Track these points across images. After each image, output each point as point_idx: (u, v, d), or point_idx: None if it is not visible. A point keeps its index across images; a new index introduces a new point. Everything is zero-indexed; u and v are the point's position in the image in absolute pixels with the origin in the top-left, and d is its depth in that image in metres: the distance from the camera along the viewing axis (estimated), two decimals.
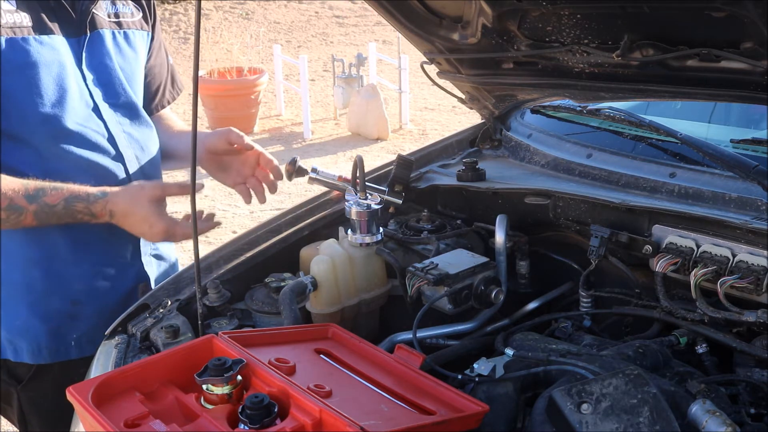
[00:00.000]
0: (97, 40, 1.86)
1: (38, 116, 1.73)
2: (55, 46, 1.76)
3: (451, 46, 1.88)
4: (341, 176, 1.93)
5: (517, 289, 1.84)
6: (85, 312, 1.87)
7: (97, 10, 1.87)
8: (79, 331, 1.87)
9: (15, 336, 1.86)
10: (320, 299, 1.66)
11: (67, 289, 1.85)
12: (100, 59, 1.86)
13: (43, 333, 1.85)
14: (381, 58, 9.19)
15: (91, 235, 1.84)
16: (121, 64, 1.91)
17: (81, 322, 1.87)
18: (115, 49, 1.90)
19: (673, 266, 1.53)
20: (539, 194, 1.83)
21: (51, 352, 1.87)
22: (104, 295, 1.89)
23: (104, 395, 1.17)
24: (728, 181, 1.63)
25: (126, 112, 1.92)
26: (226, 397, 1.18)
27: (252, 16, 12.76)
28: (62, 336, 1.87)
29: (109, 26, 1.90)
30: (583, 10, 1.54)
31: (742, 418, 1.29)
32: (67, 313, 1.86)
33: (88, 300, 1.87)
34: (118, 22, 1.93)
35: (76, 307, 1.86)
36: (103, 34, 1.88)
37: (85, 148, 1.80)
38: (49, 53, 1.74)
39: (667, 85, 1.63)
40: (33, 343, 1.86)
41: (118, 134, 1.87)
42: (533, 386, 1.38)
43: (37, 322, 1.84)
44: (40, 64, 1.72)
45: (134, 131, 1.93)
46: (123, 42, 1.93)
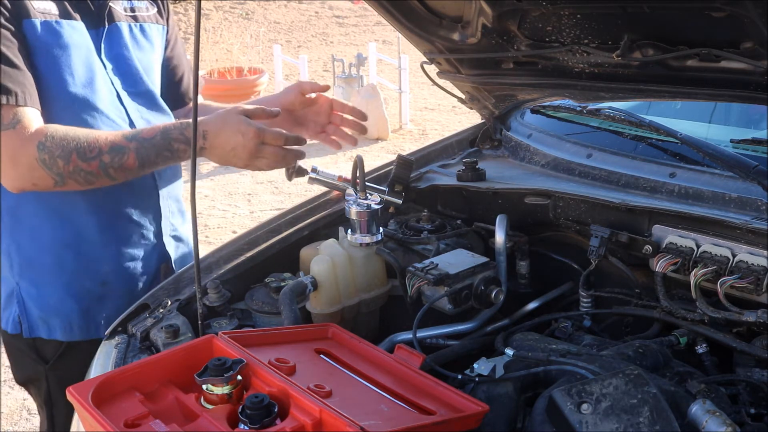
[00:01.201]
0: (114, 32, 1.94)
1: (69, 96, 1.82)
2: (82, 31, 1.86)
3: (451, 46, 1.88)
4: (341, 176, 1.93)
5: (517, 289, 1.84)
6: (113, 292, 1.96)
7: (114, 4, 1.95)
8: (107, 311, 1.95)
9: (48, 314, 1.94)
10: (320, 299, 1.66)
11: (97, 271, 1.94)
12: (118, 50, 1.94)
13: (75, 311, 1.94)
14: (381, 58, 9.20)
15: (117, 217, 1.92)
16: (138, 55, 1.99)
17: (109, 302, 1.96)
18: (132, 40, 1.98)
19: (673, 266, 1.53)
20: (539, 194, 1.83)
21: (82, 329, 1.95)
22: (130, 276, 1.98)
23: (104, 395, 1.17)
24: (728, 181, 1.63)
25: (144, 100, 1.99)
26: (226, 397, 1.18)
27: (252, 16, 12.77)
28: (92, 315, 1.96)
29: (125, 19, 1.98)
30: (583, 10, 1.54)
31: (742, 418, 1.29)
32: (97, 294, 1.95)
33: (116, 281, 1.96)
34: (134, 16, 2.01)
35: (105, 287, 1.95)
36: (120, 27, 1.96)
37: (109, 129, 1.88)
38: (78, 36, 1.84)
39: (667, 85, 1.63)
40: (65, 320, 1.94)
41: (137, 121, 1.95)
42: (533, 386, 1.38)
43: (70, 301, 1.93)
44: (71, 46, 1.81)
45: (152, 118, 2.00)
46: (139, 34, 2.01)
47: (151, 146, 1.76)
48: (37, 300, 1.93)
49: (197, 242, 1.46)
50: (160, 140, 1.76)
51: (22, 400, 3.79)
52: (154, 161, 1.77)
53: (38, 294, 1.93)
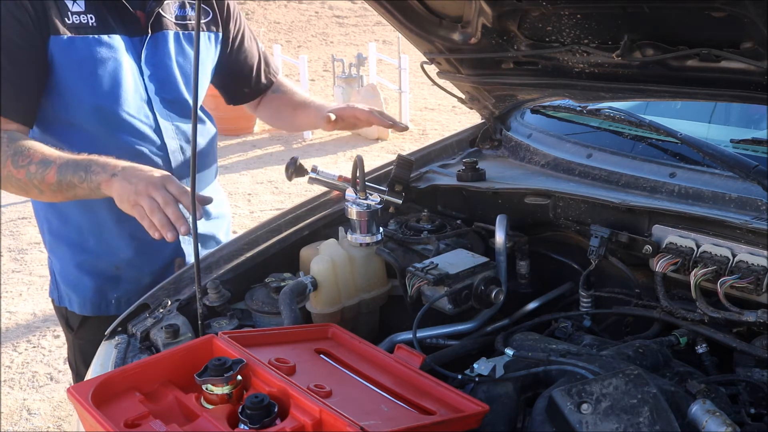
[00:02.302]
0: (160, 40, 2.04)
1: (92, 105, 1.94)
2: (114, 45, 1.95)
3: (451, 46, 1.88)
4: (341, 176, 1.93)
5: (517, 289, 1.84)
6: (125, 276, 2.12)
7: (164, 12, 2.04)
8: (118, 292, 2.12)
9: (68, 288, 2.15)
10: (320, 299, 1.66)
11: (113, 256, 2.09)
12: (159, 57, 2.04)
13: (90, 289, 2.11)
14: (381, 58, 9.20)
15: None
16: (181, 63, 2.08)
17: (121, 285, 2.12)
18: (177, 49, 2.07)
19: (673, 266, 1.53)
20: (539, 194, 1.83)
21: (94, 306, 2.13)
22: (143, 265, 2.12)
23: (104, 395, 1.17)
24: (728, 181, 1.63)
25: (177, 106, 2.08)
26: (226, 397, 1.18)
27: (252, 16, 12.76)
28: (104, 294, 2.12)
29: (173, 27, 2.07)
30: (583, 10, 1.54)
31: (742, 418, 1.29)
32: (111, 275, 2.11)
33: (128, 267, 2.11)
34: (184, 24, 2.09)
35: (118, 271, 2.11)
36: (167, 35, 2.05)
37: (133, 137, 2.00)
38: (107, 51, 1.93)
39: (667, 85, 1.63)
40: (81, 296, 2.13)
41: (165, 126, 2.05)
42: (533, 386, 1.38)
43: (86, 278, 2.11)
44: (97, 60, 1.91)
45: (182, 125, 2.10)
46: (185, 43, 2.09)
47: (73, 165, 1.78)
48: (62, 274, 2.15)
49: (197, 242, 1.46)
50: (83, 162, 1.78)
51: (22, 400, 3.80)
52: (70, 180, 1.78)
53: (62, 269, 2.14)
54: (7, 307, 4.78)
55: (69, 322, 2.19)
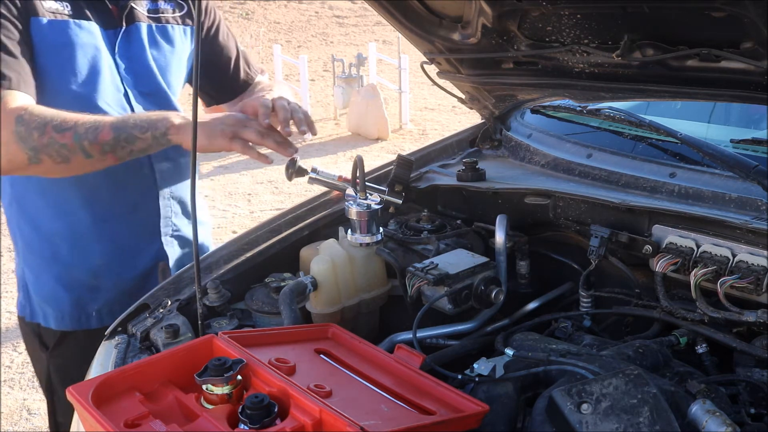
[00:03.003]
0: (133, 33, 1.98)
1: (71, 93, 1.86)
2: (92, 31, 1.89)
3: (451, 46, 1.88)
4: (341, 176, 1.93)
5: (517, 289, 1.84)
6: (105, 285, 2.01)
7: (136, 5, 1.99)
8: (99, 303, 2.01)
9: (43, 302, 2.03)
10: (320, 299, 1.66)
11: (89, 263, 1.99)
12: (133, 50, 1.98)
13: (67, 301, 2.00)
14: (381, 58, 9.20)
15: (112, 212, 1.96)
16: (155, 55, 2.02)
17: (101, 294, 2.01)
18: (150, 41, 2.01)
19: (673, 266, 1.53)
20: (539, 194, 1.83)
21: (73, 320, 2.01)
22: (123, 270, 2.02)
23: (104, 395, 1.17)
24: (728, 181, 1.63)
25: (154, 99, 2.01)
26: (226, 397, 1.18)
27: (252, 16, 12.77)
28: (84, 306, 2.01)
29: (146, 20, 2.01)
30: (583, 10, 1.54)
31: (742, 418, 1.29)
32: (89, 285, 2.00)
33: (108, 274, 2.00)
34: (156, 17, 2.04)
35: (97, 279, 2.00)
36: (140, 27, 1.99)
37: None
38: (86, 36, 1.88)
39: (667, 85, 1.63)
40: (58, 310, 2.01)
41: None
42: (533, 386, 1.38)
43: (62, 290, 1.99)
44: (77, 45, 1.85)
45: None
46: (158, 35, 2.03)
47: (128, 119, 1.76)
48: (35, 286, 2.03)
49: (197, 242, 1.46)
50: (137, 116, 1.78)
51: (22, 400, 3.80)
52: (130, 133, 1.73)
53: (35, 281, 2.03)
54: (7, 307, 4.78)
55: (43, 339, 2.06)
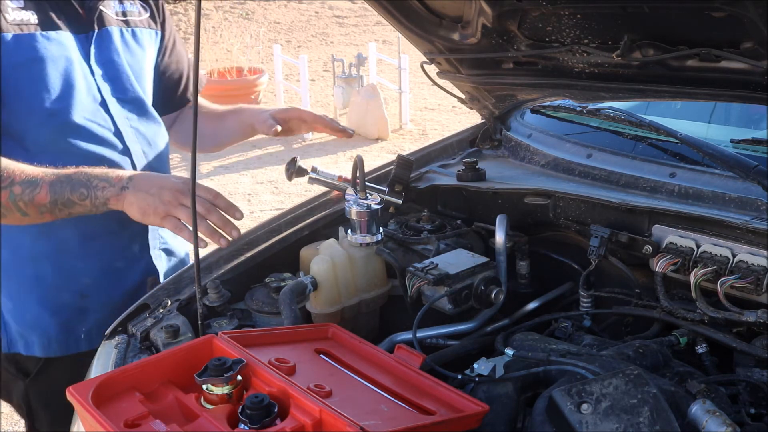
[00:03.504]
0: (105, 37, 1.90)
1: (45, 111, 1.76)
2: (63, 42, 1.79)
3: (451, 46, 1.88)
4: (341, 176, 1.93)
5: (517, 289, 1.84)
6: (94, 305, 1.90)
7: (105, 8, 1.90)
8: (88, 324, 1.90)
9: (26, 329, 1.88)
10: (320, 299, 1.66)
11: (76, 283, 1.88)
12: (108, 55, 1.90)
13: (53, 326, 1.88)
14: (381, 58, 9.20)
15: (99, 229, 1.86)
16: (129, 60, 1.94)
17: (90, 315, 1.90)
18: (123, 45, 1.94)
19: (673, 266, 1.53)
20: (539, 194, 1.83)
21: (61, 345, 1.89)
22: (113, 288, 1.92)
23: (104, 395, 1.17)
24: (728, 181, 1.63)
25: (133, 107, 1.94)
26: (226, 397, 1.18)
27: (252, 16, 12.77)
28: (72, 329, 1.89)
29: (116, 24, 1.93)
30: (583, 10, 1.54)
31: (742, 418, 1.29)
32: (77, 307, 1.88)
33: (97, 293, 1.89)
34: (125, 20, 1.96)
35: (85, 300, 1.89)
36: (111, 31, 1.91)
37: (92, 143, 1.83)
38: (56, 48, 1.77)
39: (667, 85, 1.63)
40: (43, 336, 1.88)
41: (125, 129, 1.90)
42: (533, 386, 1.38)
43: (47, 315, 1.87)
44: (47, 59, 1.75)
45: (141, 126, 1.96)
46: (131, 39, 1.96)
47: (67, 181, 1.66)
48: (14, 314, 1.89)
49: (197, 242, 1.46)
50: (78, 177, 1.67)
51: None
52: (68, 198, 1.66)
53: (15, 308, 1.88)
54: None
55: (22, 367, 1.93)
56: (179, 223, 1.66)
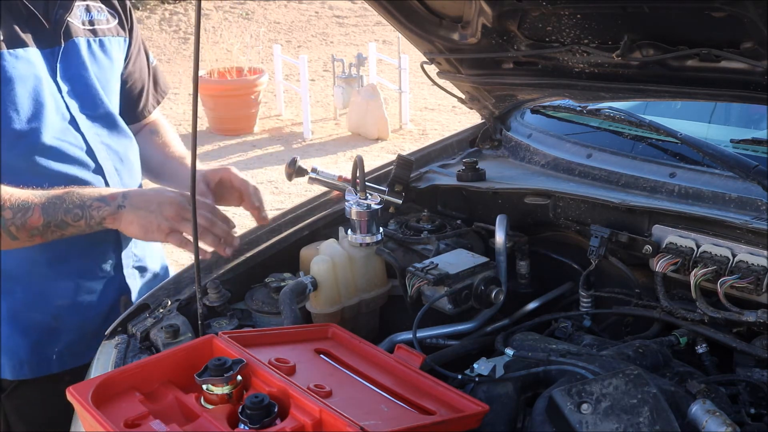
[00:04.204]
0: (72, 50, 1.83)
1: (14, 133, 1.70)
2: (30, 60, 1.73)
3: (451, 46, 1.88)
4: (341, 176, 1.93)
5: (517, 289, 1.84)
6: (66, 326, 1.85)
7: (72, 19, 1.83)
8: (60, 345, 1.85)
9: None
10: (320, 299, 1.66)
11: (48, 305, 1.82)
12: (75, 70, 1.83)
13: (24, 347, 1.83)
14: (381, 58, 9.19)
15: (71, 250, 1.80)
16: (97, 73, 1.88)
17: (62, 336, 1.85)
18: (91, 58, 1.87)
19: (673, 266, 1.53)
20: (539, 194, 1.83)
21: (32, 367, 1.84)
22: (85, 309, 1.87)
23: (104, 395, 1.17)
24: (728, 181, 1.63)
25: (103, 123, 1.88)
26: (226, 397, 1.18)
27: (252, 16, 12.76)
28: (43, 350, 1.84)
29: (84, 34, 1.86)
30: (583, 10, 1.54)
31: (742, 418, 1.29)
32: (48, 327, 1.83)
33: (69, 314, 1.84)
34: (93, 30, 1.89)
35: (56, 320, 1.84)
36: (78, 43, 1.84)
37: (63, 162, 1.77)
38: (25, 67, 1.72)
39: (667, 85, 1.63)
40: (14, 358, 1.83)
41: (96, 146, 1.84)
42: (533, 386, 1.38)
43: (18, 337, 1.82)
44: (15, 79, 1.69)
45: (113, 142, 1.90)
46: (98, 50, 1.89)
47: (60, 202, 1.63)
48: None
49: (197, 242, 1.46)
50: (71, 197, 1.64)
51: None
52: (62, 220, 1.63)
53: None
54: None
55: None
56: (183, 238, 1.64)
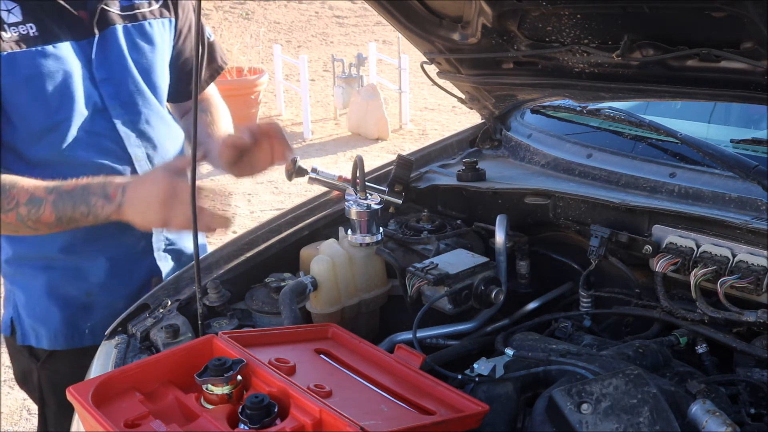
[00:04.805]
0: (109, 39, 1.86)
1: (44, 126, 1.77)
2: (60, 55, 1.77)
3: (451, 46, 1.88)
4: (341, 176, 1.93)
5: (517, 289, 1.84)
6: (98, 303, 1.95)
7: (109, 6, 1.87)
8: (92, 321, 1.94)
9: (36, 322, 1.95)
10: (320, 299, 1.66)
11: (83, 282, 1.93)
12: (112, 58, 1.87)
13: (60, 320, 1.93)
14: (381, 58, 9.19)
15: (104, 231, 1.85)
16: (137, 59, 1.91)
17: (94, 312, 1.95)
18: (129, 45, 1.90)
19: (673, 266, 1.53)
20: (539, 194, 1.83)
21: (66, 338, 1.95)
22: (117, 288, 1.96)
23: (104, 395, 1.17)
24: (728, 181, 1.63)
25: (139, 110, 1.92)
26: (226, 397, 1.18)
27: (252, 16, 12.76)
28: (76, 324, 1.94)
29: (121, 21, 1.89)
30: (583, 10, 1.54)
31: (742, 418, 1.29)
32: (82, 303, 1.94)
33: (102, 292, 1.94)
34: (132, 15, 1.92)
35: (90, 298, 1.94)
36: (116, 30, 1.87)
37: (92, 153, 1.83)
38: (53, 63, 1.76)
39: (667, 85, 1.63)
40: (50, 330, 1.94)
41: (127, 134, 1.88)
42: (533, 386, 1.38)
43: (55, 309, 1.93)
44: (44, 75, 1.74)
45: (148, 129, 1.93)
46: (137, 36, 1.92)
47: (68, 199, 1.67)
48: (27, 308, 1.95)
49: (197, 242, 1.46)
50: (78, 194, 1.68)
51: (22, 400, 3.80)
52: (71, 216, 1.68)
53: (27, 302, 1.95)
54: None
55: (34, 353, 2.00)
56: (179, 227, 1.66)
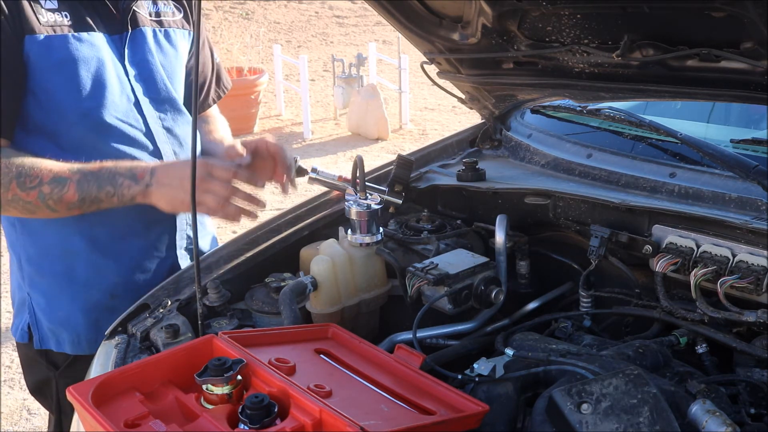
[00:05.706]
0: (138, 37, 1.91)
1: (78, 111, 1.78)
2: (95, 43, 1.81)
3: (451, 46, 1.88)
4: (341, 176, 1.93)
5: (517, 289, 1.84)
6: (122, 305, 1.89)
7: (139, 9, 1.92)
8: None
9: (57, 326, 1.92)
10: (320, 299, 1.66)
11: (107, 282, 1.91)
12: (142, 55, 1.91)
13: (83, 324, 1.91)
14: (381, 58, 9.20)
15: (128, 230, 1.89)
16: (162, 61, 1.95)
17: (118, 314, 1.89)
18: (156, 46, 1.95)
19: (673, 266, 1.53)
20: (539, 194, 1.83)
21: (90, 343, 1.91)
22: (141, 288, 1.92)
23: (104, 395, 1.17)
24: (728, 181, 1.63)
25: (167, 108, 1.96)
26: (226, 397, 1.18)
27: (252, 16, 12.76)
28: (100, 328, 1.89)
29: (150, 24, 1.95)
30: (583, 10, 1.54)
31: (742, 418, 1.29)
32: (106, 306, 1.91)
33: (125, 293, 1.91)
34: (159, 21, 1.98)
35: (114, 300, 1.91)
36: (145, 32, 1.93)
37: (123, 143, 1.85)
38: (88, 50, 1.79)
39: (667, 85, 1.63)
40: (73, 333, 1.92)
41: (156, 129, 1.92)
42: (533, 386, 1.38)
43: (78, 313, 1.91)
44: (79, 60, 1.77)
45: (174, 127, 1.97)
46: (163, 40, 1.97)
47: (93, 179, 1.70)
48: (47, 311, 1.93)
49: (197, 242, 1.46)
50: (104, 174, 1.71)
51: (22, 400, 3.80)
52: (96, 196, 1.70)
53: (47, 305, 1.93)
54: (7, 307, 4.78)
55: (53, 361, 1.98)
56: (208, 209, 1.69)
